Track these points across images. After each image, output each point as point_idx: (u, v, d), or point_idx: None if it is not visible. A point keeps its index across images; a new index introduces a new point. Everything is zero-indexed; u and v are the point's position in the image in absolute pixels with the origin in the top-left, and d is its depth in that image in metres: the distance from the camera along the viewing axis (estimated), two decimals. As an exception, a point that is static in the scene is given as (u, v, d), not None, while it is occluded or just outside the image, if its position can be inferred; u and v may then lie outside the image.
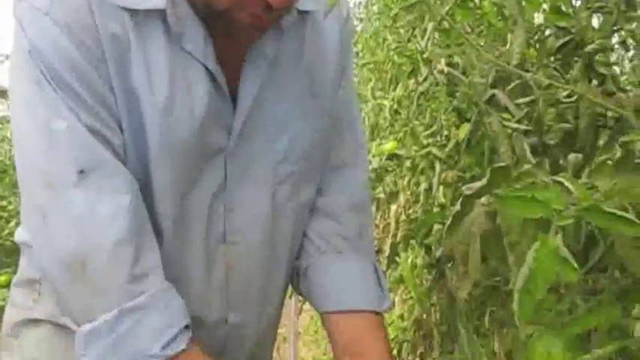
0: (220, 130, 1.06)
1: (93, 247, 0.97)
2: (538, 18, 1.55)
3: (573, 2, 1.34)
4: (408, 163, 2.32)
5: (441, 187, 1.85)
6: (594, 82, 1.26)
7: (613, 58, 1.39)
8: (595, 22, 1.34)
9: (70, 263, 0.97)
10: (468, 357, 0.86)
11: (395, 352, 2.17)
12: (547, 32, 1.41)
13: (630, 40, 1.37)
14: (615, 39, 1.39)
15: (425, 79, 2.06)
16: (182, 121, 1.01)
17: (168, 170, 1.02)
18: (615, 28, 1.29)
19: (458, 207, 0.76)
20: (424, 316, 2.29)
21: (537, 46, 1.40)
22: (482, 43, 1.60)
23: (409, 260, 2.30)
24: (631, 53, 1.56)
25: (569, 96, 1.21)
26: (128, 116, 0.99)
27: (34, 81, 0.96)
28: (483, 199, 0.75)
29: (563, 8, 1.29)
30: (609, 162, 0.81)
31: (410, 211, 2.46)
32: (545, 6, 1.41)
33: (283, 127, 1.11)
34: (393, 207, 2.61)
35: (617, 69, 1.38)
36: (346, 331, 1.17)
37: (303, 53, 1.12)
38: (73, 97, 0.96)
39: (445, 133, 1.92)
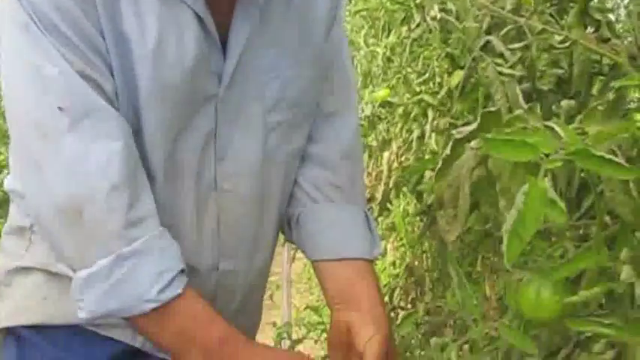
0: (211, 76, 1.05)
1: (88, 194, 0.97)
2: (533, -37, 1.53)
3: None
4: (400, 111, 2.32)
5: (434, 135, 1.85)
6: (589, 28, 1.25)
7: (609, 4, 1.38)
8: (590, -34, 1.32)
9: (66, 211, 0.98)
10: (459, 301, 0.87)
11: (387, 298, 2.20)
12: (542, -23, 1.39)
13: (626, -14, 1.36)
14: (611, -16, 1.37)
15: (418, 26, 2.04)
16: (172, 66, 1.00)
17: (158, 116, 1.02)
18: (611, -28, 1.28)
19: (448, 151, 0.76)
20: (415, 262, 2.32)
21: (532, -9, 1.38)
22: (476, -11, 1.58)
23: (401, 207, 2.32)
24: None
25: (563, 42, 1.20)
26: (119, 61, 0.99)
27: (23, 26, 0.95)
28: (473, 143, 0.75)
29: (558, -48, 1.28)
30: (600, 108, 0.81)
31: (402, 158, 2.46)
32: (540, -50, 1.39)
33: (274, 75, 1.10)
34: (386, 154, 2.61)
35: (612, 16, 1.36)
36: (337, 279, 1.18)
37: (294, 0, 1.11)
38: (63, 42, 0.95)
39: (438, 80, 1.91)
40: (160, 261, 1.00)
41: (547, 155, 0.63)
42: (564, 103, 1.05)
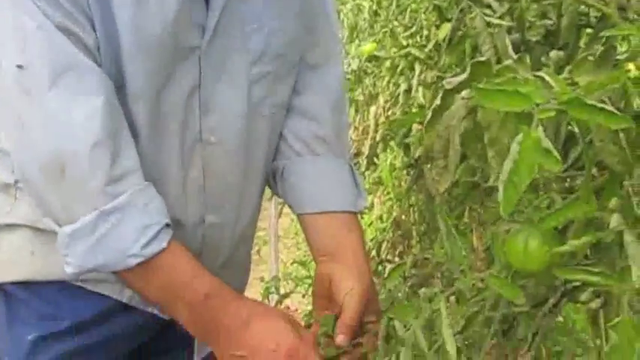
0: (193, 28, 1.04)
1: (70, 151, 0.96)
2: None
3: None
4: (387, 64, 2.31)
5: (421, 88, 1.85)
6: (578, -22, 1.23)
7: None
8: None
9: (49, 168, 0.97)
10: (447, 253, 0.87)
11: (374, 252, 2.21)
12: None
13: None
14: None
15: (405, -22, 2.02)
16: (154, 17, 0.99)
17: (141, 69, 1.01)
18: None
19: (437, 102, 0.76)
20: (403, 216, 2.32)
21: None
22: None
23: (388, 161, 2.32)
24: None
25: (552, -8, 1.19)
26: (100, 13, 0.97)
27: None
28: (464, 93, 0.75)
29: None
30: (590, 58, 0.81)
31: (389, 112, 2.46)
32: None
33: (257, 27, 1.10)
34: (372, 109, 2.61)
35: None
36: (322, 232, 1.19)
37: None
38: None
39: (425, 33, 1.89)
40: (143, 216, 1.00)
41: (538, 105, 0.63)
42: (553, 54, 1.05)
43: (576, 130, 1.00)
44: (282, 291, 3.43)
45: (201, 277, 1.05)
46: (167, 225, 1.02)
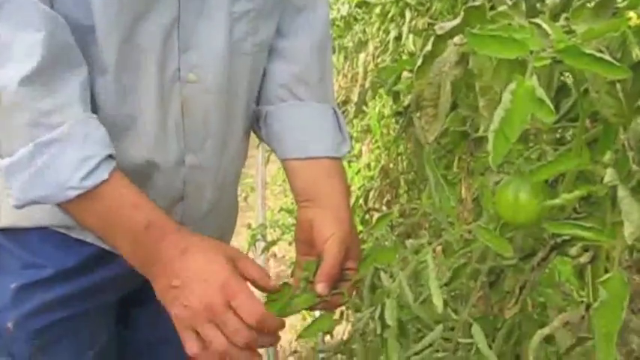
0: None
1: (4, 83, 0.95)
2: None
3: None
4: (377, 11, 2.27)
5: (411, 35, 1.82)
6: None
7: None
8: None
9: None
10: (435, 202, 0.85)
11: (362, 200, 2.20)
12: None
13: None
14: None
15: None
16: None
17: (114, 1, 0.98)
18: None
19: (429, 47, 0.73)
20: (390, 165, 2.31)
21: None
22: None
23: (376, 109, 2.29)
24: None
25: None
26: None
27: None
28: (456, 39, 0.73)
29: None
30: (588, 5, 0.78)
31: (378, 60, 2.43)
32: None
33: None
34: (362, 56, 2.58)
35: None
36: (303, 177, 1.18)
37: None
38: None
39: (417, -22, 1.85)
40: (83, 147, 0.97)
41: (532, 53, 0.61)
42: (549, 0, 1.02)
43: (569, 81, 0.98)
44: (269, 238, 3.44)
45: (143, 208, 1.03)
46: (110, 156, 1.00)
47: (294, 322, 2.82)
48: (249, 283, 1.04)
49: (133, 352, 1.42)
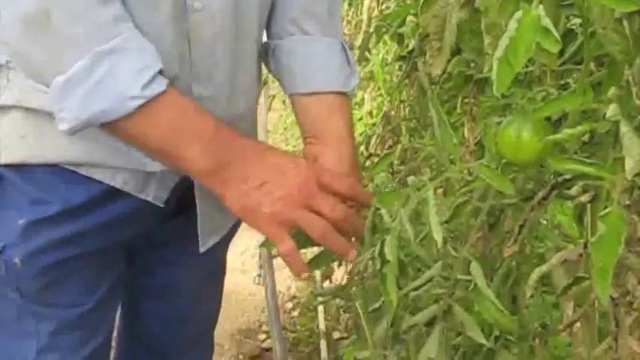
0: None
1: None
2: None
3: None
4: (383, -45, 2.24)
5: (417, -20, 1.79)
6: None
7: None
8: None
9: (33, 16, 0.93)
10: (438, 141, 0.85)
11: (363, 146, 2.20)
12: None
13: None
14: None
15: None
16: None
17: None
18: None
19: (436, -19, 0.73)
20: (392, 112, 2.31)
21: None
22: None
23: (380, 56, 2.28)
24: None
25: None
26: None
27: None
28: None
29: None
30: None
31: (383, 6, 2.41)
32: None
33: None
34: (366, 2, 2.55)
35: None
36: (308, 113, 1.18)
37: None
38: None
39: None
40: (140, 58, 0.96)
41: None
42: None
43: (573, 27, 0.98)
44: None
45: (207, 114, 1.02)
46: (161, 72, 0.99)
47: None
48: None
49: (144, 297, 1.44)
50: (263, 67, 1.29)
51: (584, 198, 0.79)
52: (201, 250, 1.25)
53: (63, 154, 1.12)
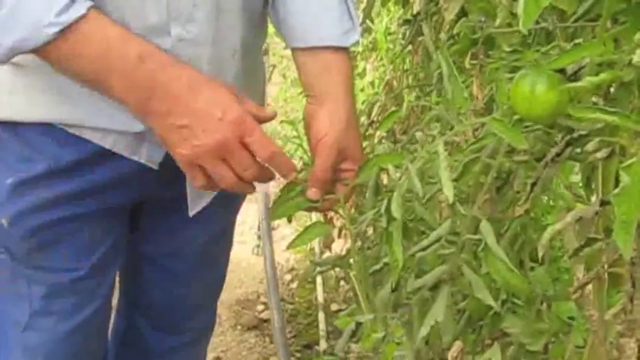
0: None
1: None
2: None
3: None
4: None
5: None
6: None
7: None
8: None
9: None
10: (448, 94, 0.82)
11: (365, 115, 2.16)
12: None
13: None
14: None
15: None
16: None
17: None
18: None
19: None
20: (395, 82, 2.27)
21: None
22: None
23: (383, 23, 2.24)
24: None
25: None
26: None
27: None
28: None
29: None
30: None
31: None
32: None
33: None
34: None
35: None
36: (307, 72, 1.13)
37: None
38: None
39: None
40: None
41: None
42: None
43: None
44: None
45: (131, 40, 0.97)
46: None
47: (289, 237, 2.81)
48: None
49: (146, 263, 1.41)
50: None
51: (600, 154, 0.75)
52: (191, 213, 1.23)
53: (50, 112, 1.09)
